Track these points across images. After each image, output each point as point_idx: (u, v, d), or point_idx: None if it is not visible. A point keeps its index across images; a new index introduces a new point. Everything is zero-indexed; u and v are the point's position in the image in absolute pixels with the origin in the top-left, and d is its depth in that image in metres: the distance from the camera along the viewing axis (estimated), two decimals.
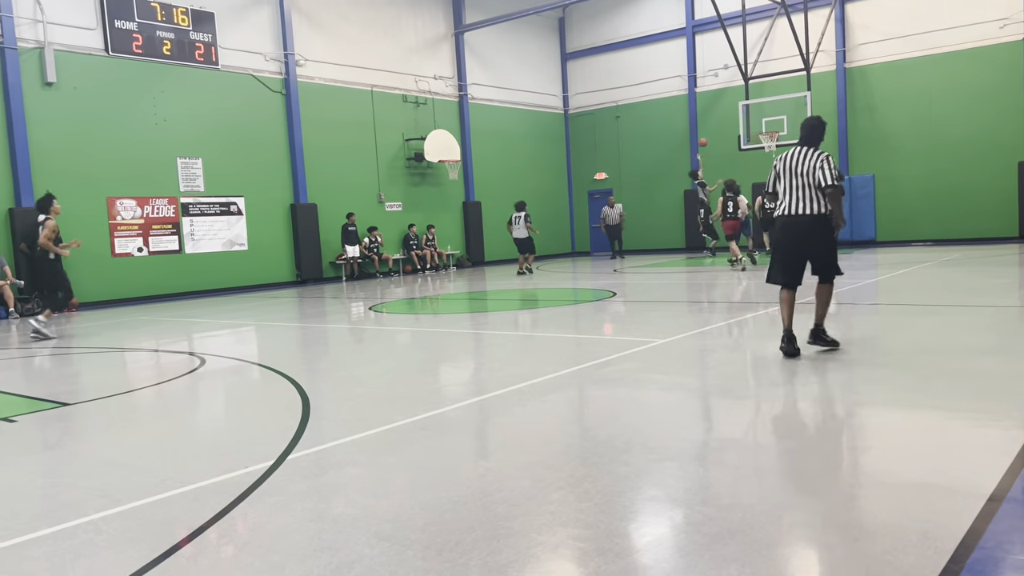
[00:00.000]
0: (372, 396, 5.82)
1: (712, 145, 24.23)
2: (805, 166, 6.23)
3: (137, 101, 16.37)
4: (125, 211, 16.22)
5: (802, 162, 6.25)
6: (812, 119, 6.52)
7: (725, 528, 2.97)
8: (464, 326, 10.07)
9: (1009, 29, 19.54)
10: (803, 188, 6.22)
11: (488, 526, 3.11)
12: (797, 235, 6.30)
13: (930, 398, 4.96)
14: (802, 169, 6.24)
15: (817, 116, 6.60)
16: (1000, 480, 3.30)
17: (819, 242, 6.29)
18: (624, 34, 25.86)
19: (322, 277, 19.69)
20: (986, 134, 20.04)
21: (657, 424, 4.58)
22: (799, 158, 6.29)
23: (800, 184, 6.24)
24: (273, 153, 18.82)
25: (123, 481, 3.99)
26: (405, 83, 21.95)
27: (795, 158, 6.31)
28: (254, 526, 3.28)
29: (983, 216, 20.23)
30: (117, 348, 9.48)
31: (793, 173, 6.28)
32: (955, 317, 8.01)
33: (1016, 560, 2.60)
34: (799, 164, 6.26)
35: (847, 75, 21.94)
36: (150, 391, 6.58)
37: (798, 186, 6.25)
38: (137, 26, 16.19)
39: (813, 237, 6.26)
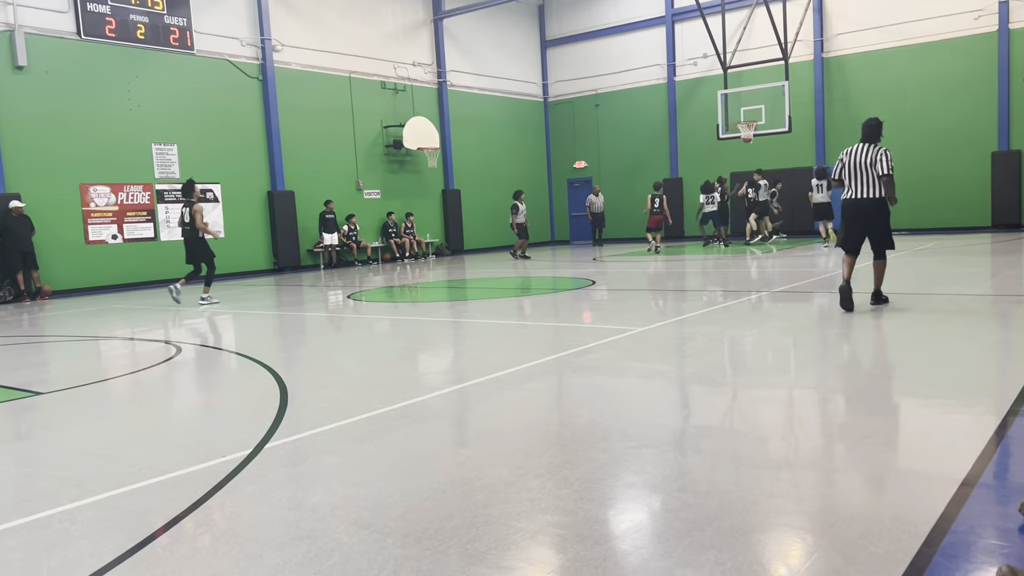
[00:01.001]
0: (351, 384, 5.79)
1: (690, 135, 24.33)
2: (871, 158, 7.55)
3: (110, 86, 16.11)
4: (99, 198, 15.99)
5: (867, 155, 7.57)
6: (872, 120, 7.77)
7: (703, 514, 2.99)
8: (443, 314, 10.05)
9: (983, 20, 19.75)
10: (867, 177, 7.58)
11: (467, 513, 3.11)
12: (861, 215, 7.70)
13: (905, 385, 5.02)
14: (868, 161, 7.57)
15: (875, 117, 7.87)
16: (972, 465, 3.35)
17: (878, 221, 7.71)
18: (604, 22, 25.83)
19: (300, 265, 19.56)
20: (960, 125, 20.27)
21: (636, 411, 4.60)
22: (865, 152, 7.60)
23: (864, 174, 7.58)
24: (250, 139, 18.62)
25: (98, 471, 3.95)
26: (384, 69, 21.78)
27: (861, 152, 7.62)
28: (231, 515, 3.26)
29: (957, 206, 20.49)
30: (91, 336, 9.36)
31: (858, 165, 7.62)
32: (929, 305, 8.11)
33: (987, 544, 2.64)
34: (865, 157, 7.58)
35: (824, 65, 22.07)
36: (125, 380, 6.51)
37: (863, 175, 7.60)
38: (110, 9, 15.92)
39: (873, 217, 7.68)
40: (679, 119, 24.68)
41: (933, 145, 20.65)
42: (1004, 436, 3.78)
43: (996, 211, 19.98)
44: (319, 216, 19.74)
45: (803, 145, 22.48)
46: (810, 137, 22.41)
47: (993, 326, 7.10)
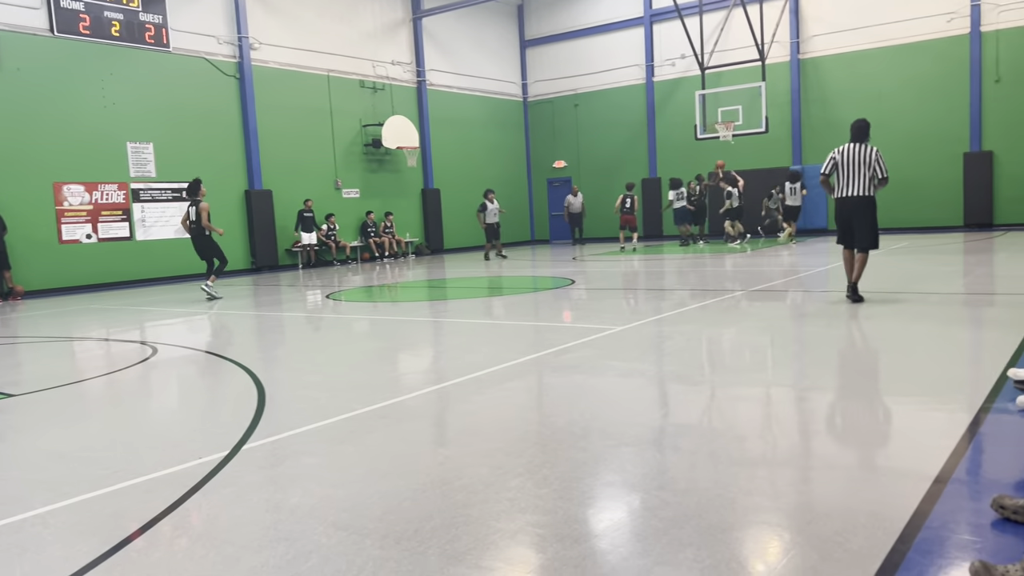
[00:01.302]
0: (329, 385, 5.76)
1: (669, 135, 24.46)
2: (865, 158, 8.02)
3: (84, 84, 15.91)
4: (73, 197, 15.78)
5: (861, 155, 8.03)
6: (860, 121, 8.26)
7: (681, 512, 3.01)
8: (423, 314, 10.03)
9: (956, 23, 20.02)
10: (859, 175, 8.03)
11: (447, 514, 3.10)
12: (847, 210, 8.15)
13: (880, 383, 5.08)
14: (861, 160, 8.02)
15: (863, 118, 8.37)
16: (945, 462, 3.40)
17: (863, 217, 8.12)
18: (583, 22, 25.89)
19: (278, 264, 19.43)
20: (933, 126, 20.53)
21: (615, 410, 4.62)
22: (858, 151, 8.05)
23: (857, 172, 8.03)
24: (227, 138, 18.46)
25: (71, 473, 3.90)
26: (362, 68, 21.68)
27: (854, 151, 8.07)
28: (208, 518, 3.23)
29: (930, 205, 20.75)
30: (65, 337, 9.24)
31: (850, 163, 8.07)
32: (903, 304, 8.21)
33: (960, 539, 2.68)
34: (858, 156, 8.04)
35: (801, 66, 22.27)
36: (100, 381, 6.43)
37: (855, 173, 8.05)
38: (84, 6, 15.71)
39: (859, 213, 8.09)
40: (657, 119, 24.80)
41: (907, 145, 20.90)
42: (976, 432, 3.84)
43: (968, 211, 20.26)
44: (297, 214, 19.61)
45: (780, 145, 22.66)
46: (787, 138, 22.60)
47: (966, 324, 7.20)
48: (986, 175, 20.00)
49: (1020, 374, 4.31)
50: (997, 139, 19.91)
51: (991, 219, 20.05)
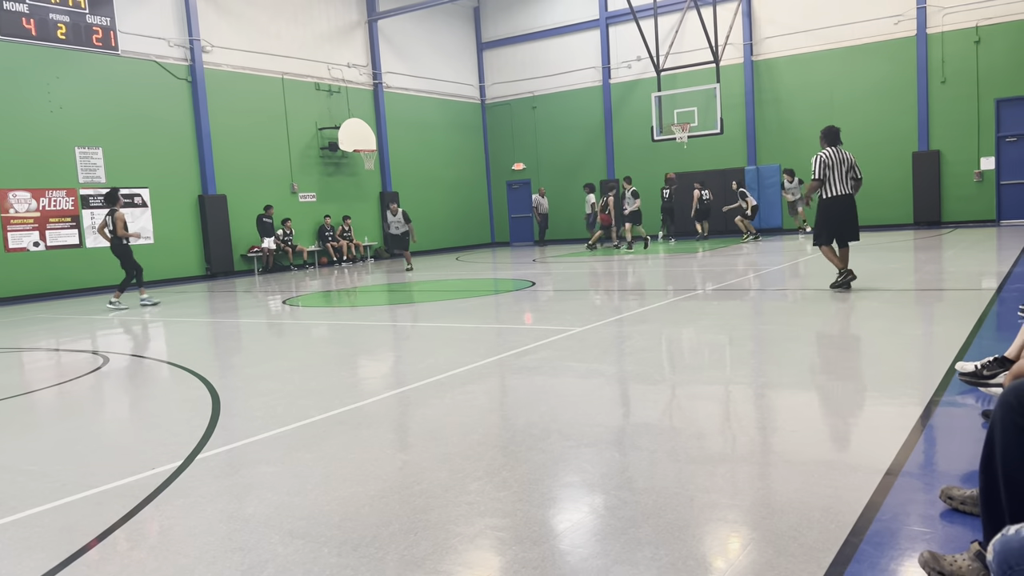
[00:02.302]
0: (286, 392, 5.69)
1: (626, 137, 24.65)
2: (848, 161, 8.95)
3: (30, 87, 15.49)
4: (19, 203, 15.36)
5: (843, 157, 8.91)
6: (834, 127, 9.10)
7: (639, 511, 3.03)
8: (382, 318, 9.96)
9: (903, 25, 20.51)
10: (846, 176, 8.93)
11: (405, 519, 3.08)
12: (841, 209, 8.95)
13: (832, 380, 5.17)
14: (843, 162, 8.92)
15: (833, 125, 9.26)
16: (896, 455, 3.47)
17: (854, 214, 9.12)
18: (539, 24, 25.97)
19: (233, 270, 19.13)
20: (883, 126, 21.00)
21: (574, 411, 4.63)
22: (841, 154, 8.91)
23: (844, 174, 8.91)
24: (179, 143, 18.13)
25: (19, 488, 3.79)
26: (317, 71, 21.47)
27: (840, 155, 8.90)
28: (162, 529, 3.16)
29: (881, 204, 21.19)
30: (13, 348, 8.99)
31: (838, 165, 8.88)
32: (855, 301, 8.38)
33: (911, 530, 2.74)
34: (844, 159, 8.92)
35: (754, 68, 22.61)
36: (49, 392, 6.27)
37: (843, 174, 8.91)
38: (28, 8, 15.31)
39: (851, 210, 9.06)
40: (615, 121, 24.98)
41: (858, 145, 21.25)
42: (926, 425, 3.93)
43: (917, 209, 20.76)
44: (257, 220, 19.34)
45: (735, 146, 22.98)
46: (742, 138, 22.93)
47: (916, 319, 7.37)
48: (934, 174, 20.51)
49: (967, 367, 4.42)
50: (944, 139, 20.44)
51: (939, 217, 20.57)
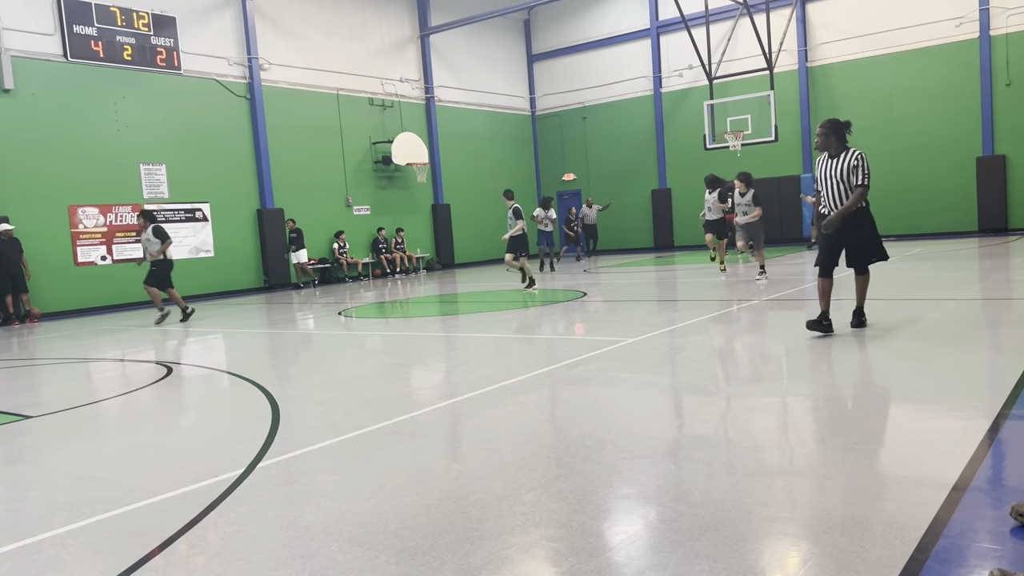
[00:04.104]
0: (342, 401, 5.78)
1: (678, 146, 24.47)
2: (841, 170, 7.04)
3: (98, 107, 16.10)
4: (87, 219, 15.94)
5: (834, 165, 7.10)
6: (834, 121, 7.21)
7: (696, 524, 2.99)
8: (435, 329, 10.04)
9: (964, 27, 19.97)
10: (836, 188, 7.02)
11: (461, 529, 3.10)
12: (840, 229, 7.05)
13: (897, 391, 5.04)
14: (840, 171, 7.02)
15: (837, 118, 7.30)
16: (963, 469, 3.37)
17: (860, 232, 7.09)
18: (589, 35, 25.99)
19: (290, 282, 19.52)
20: (945, 130, 20.45)
21: (628, 422, 4.61)
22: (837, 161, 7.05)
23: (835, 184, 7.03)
24: (238, 158, 18.62)
25: (89, 494, 3.92)
26: (371, 86, 21.84)
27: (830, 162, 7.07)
28: (224, 535, 3.24)
29: (944, 211, 20.63)
30: (81, 359, 9.31)
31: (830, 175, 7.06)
32: (919, 311, 8.16)
33: (980, 547, 2.65)
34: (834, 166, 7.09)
35: (809, 74, 22.25)
36: (116, 402, 6.48)
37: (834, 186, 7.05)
38: (96, 31, 15.93)
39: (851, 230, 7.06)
40: (666, 130, 24.82)
41: (918, 151, 20.82)
42: (995, 439, 3.80)
43: (982, 216, 20.13)
44: (287, 236, 19.34)
45: (790, 154, 22.63)
46: (797, 146, 22.56)
47: (982, 330, 7.14)
48: (999, 179, 19.87)
49: None
50: (1010, 143, 19.80)
51: (1006, 223, 19.91)
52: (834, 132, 6.96)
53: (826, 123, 7.01)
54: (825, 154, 7.04)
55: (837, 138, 6.96)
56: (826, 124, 7.00)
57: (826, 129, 7.00)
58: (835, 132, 6.96)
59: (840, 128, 6.97)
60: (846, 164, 6.85)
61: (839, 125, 6.98)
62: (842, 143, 6.96)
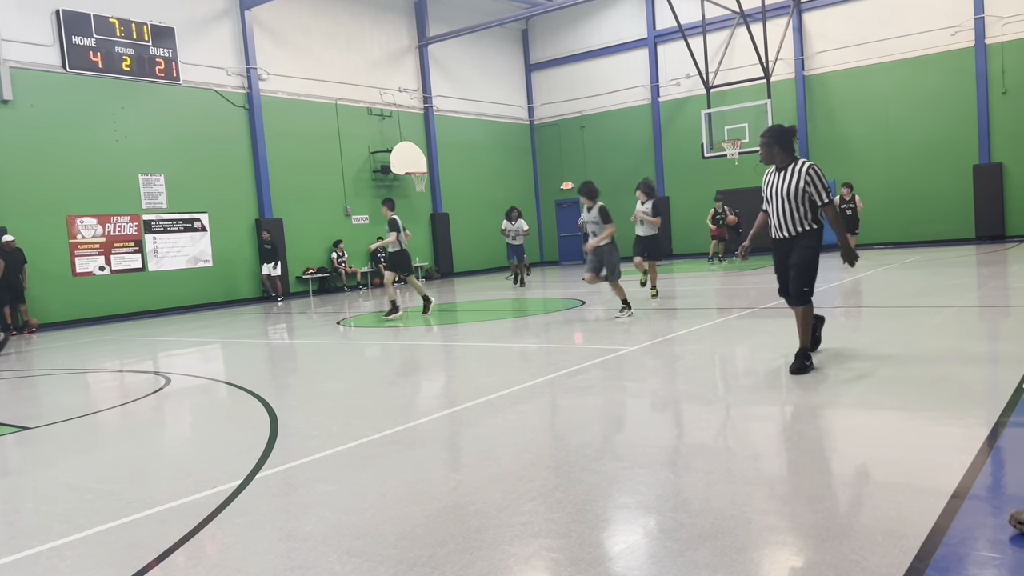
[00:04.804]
0: (341, 411, 5.77)
1: (676, 154, 24.53)
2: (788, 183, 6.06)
3: (97, 118, 16.13)
4: (86, 229, 15.94)
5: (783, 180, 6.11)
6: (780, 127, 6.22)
7: (696, 534, 2.99)
8: (433, 338, 10.04)
9: (960, 36, 20.05)
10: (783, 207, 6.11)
11: (460, 539, 3.10)
12: (779, 253, 6.28)
13: (894, 399, 5.03)
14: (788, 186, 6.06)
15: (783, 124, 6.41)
16: (962, 477, 3.36)
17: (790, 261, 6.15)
18: (587, 45, 26.08)
19: (289, 292, 19.51)
20: (941, 138, 20.51)
21: (627, 431, 4.60)
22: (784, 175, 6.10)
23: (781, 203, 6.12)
24: (237, 168, 18.64)
25: (86, 505, 3.91)
26: (370, 96, 21.89)
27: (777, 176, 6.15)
28: (223, 547, 3.23)
29: (941, 218, 20.67)
30: (79, 369, 9.30)
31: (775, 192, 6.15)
32: (917, 318, 8.16)
33: (979, 556, 2.65)
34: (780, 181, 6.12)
35: (806, 82, 22.32)
36: (114, 412, 6.46)
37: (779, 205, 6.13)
38: (95, 42, 15.97)
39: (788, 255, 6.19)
40: (664, 138, 24.88)
41: (915, 159, 20.88)
42: (994, 447, 3.80)
43: (979, 223, 20.16)
44: (258, 247, 18.90)
45: None
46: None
47: (980, 337, 7.15)
48: (996, 186, 19.92)
49: None
50: (1006, 150, 19.86)
51: (1003, 231, 19.94)
52: (778, 142, 6.01)
53: (767, 132, 6.08)
54: (772, 167, 6.14)
55: (782, 148, 6.01)
56: (767, 133, 6.06)
57: (767, 139, 6.05)
58: (779, 141, 6.01)
59: (784, 136, 6.02)
60: (795, 181, 5.89)
61: (783, 133, 6.03)
62: (788, 154, 6.02)
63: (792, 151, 6.04)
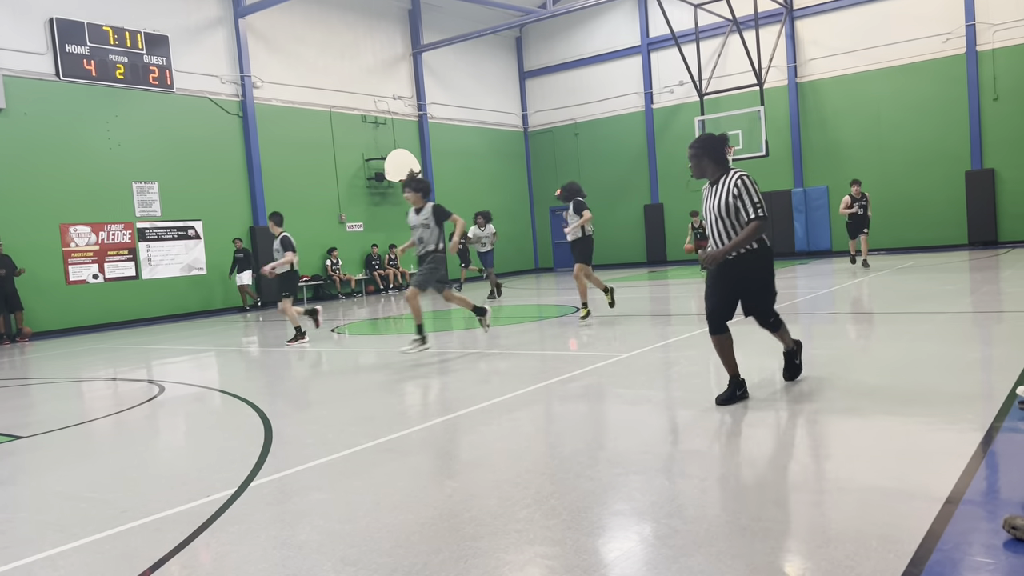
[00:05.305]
0: (335, 419, 5.76)
1: (670, 161, 24.59)
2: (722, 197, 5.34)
3: (90, 126, 16.10)
4: (79, 237, 15.90)
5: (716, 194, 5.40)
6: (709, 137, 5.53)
7: (691, 540, 2.99)
8: (427, 346, 10.01)
9: (952, 43, 20.17)
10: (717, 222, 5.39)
11: (455, 547, 3.09)
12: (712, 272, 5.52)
13: (888, 405, 5.05)
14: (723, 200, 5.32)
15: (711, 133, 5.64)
16: (956, 483, 3.37)
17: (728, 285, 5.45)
18: (581, 52, 26.16)
19: None
20: (934, 145, 20.61)
21: (622, 438, 4.60)
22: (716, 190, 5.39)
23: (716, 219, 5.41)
24: (231, 176, 18.62)
25: (80, 515, 3.89)
26: (364, 103, 21.91)
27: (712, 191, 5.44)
28: (217, 556, 3.22)
29: (934, 224, 20.76)
30: (73, 378, 9.26)
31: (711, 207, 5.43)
32: (910, 324, 8.19)
33: (973, 561, 2.66)
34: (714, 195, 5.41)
35: (799, 89, 22.42)
36: (108, 421, 6.44)
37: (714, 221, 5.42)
38: (89, 50, 15.95)
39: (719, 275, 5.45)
40: (658, 145, 24.94)
41: (908, 165, 20.97)
42: (987, 452, 3.82)
43: (972, 229, 20.26)
44: (233, 256, 18.25)
45: (781, 168, 22.75)
46: (788, 160, 22.69)
47: (974, 342, 7.17)
48: (989, 192, 20.02)
49: None
50: (998, 156, 19.96)
51: (996, 236, 20.03)
52: (707, 152, 5.31)
53: (695, 143, 5.39)
54: (708, 182, 5.44)
55: (712, 159, 5.31)
56: (695, 144, 5.37)
57: (696, 150, 5.34)
58: (708, 152, 5.31)
59: (714, 146, 5.33)
60: (726, 194, 5.17)
61: (712, 143, 5.34)
62: (720, 165, 5.32)
63: (725, 162, 5.35)
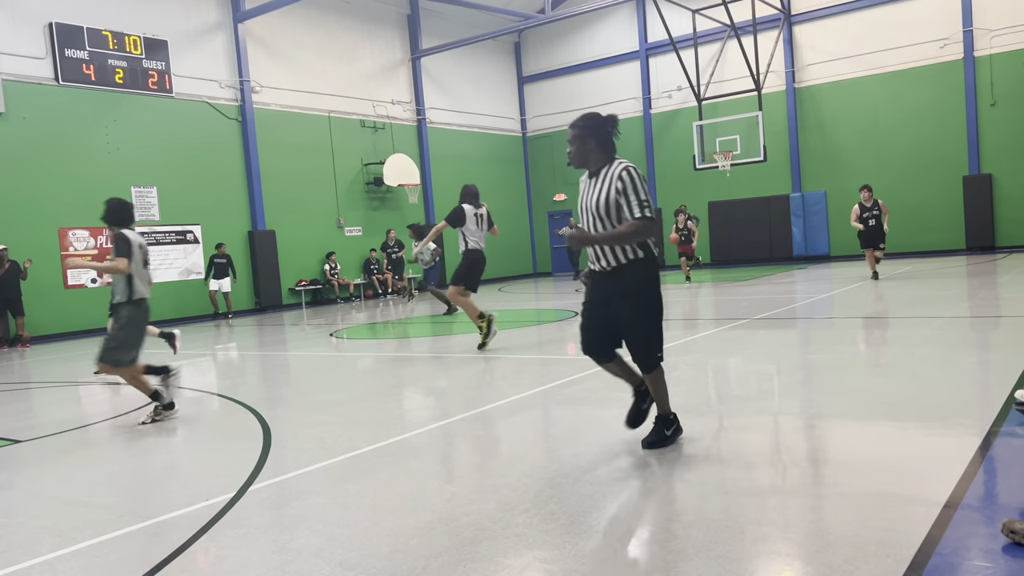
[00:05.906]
0: (334, 423, 5.75)
1: (668, 166, 24.63)
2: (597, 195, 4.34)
3: (89, 130, 16.10)
4: (78, 242, 15.89)
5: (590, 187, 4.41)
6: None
7: (689, 544, 2.99)
8: (427, 349, 10.02)
9: (949, 49, 20.23)
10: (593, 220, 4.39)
11: (454, 551, 3.09)
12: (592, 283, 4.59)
13: (886, 410, 5.05)
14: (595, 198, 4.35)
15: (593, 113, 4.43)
16: (955, 487, 3.38)
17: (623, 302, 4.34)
18: (579, 57, 26.21)
19: (281, 304, 19.47)
20: (931, 150, 20.66)
21: (621, 442, 4.60)
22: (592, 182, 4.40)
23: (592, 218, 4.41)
24: (230, 180, 18.62)
25: (78, 519, 3.89)
26: (363, 108, 21.93)
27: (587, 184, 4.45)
28: (215, 560, 3.21)
29: (932, 229, 20.79)
30: (71, 382, 9.25)
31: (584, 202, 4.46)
32: (908, 329, 8.20)
33: (972, 565, 2.66)
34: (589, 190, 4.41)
35: (797, 94, 22.47)
36: (106, 425, 6.43)
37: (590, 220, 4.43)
38: (88, 55, 15.96)
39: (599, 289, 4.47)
40: (656, 150, 24.98)
41: (906, 170, 21.01)
42: (986, 456, 3.82)
43: (970, 234, 20.29)
44: (210, 260, 17.61)
45: (779, 173, 22.79)
46: (785, 165, 22.73)
47: (972, 347, 7.18)
48: (986, 198, 20.06)
49: None
50: (996, 162, 20.01)
51: (993, 242, 20.06)
52: (592, 133, 4.24)
53: (578, 121, 4.29)
54: (586, 173, 4.40)
55: (599, 143, 4.25)
56: (579, 123, 4.28)
57: (579, 131, 4.26)
58: (595, 134, 4.24)
59: (601, 127, 4.26)
60: (608, 187, 4.19)
61: (600, 122, 4.27)
62: (606, 152, 4.27)
63: (612, 148, 4.30)
